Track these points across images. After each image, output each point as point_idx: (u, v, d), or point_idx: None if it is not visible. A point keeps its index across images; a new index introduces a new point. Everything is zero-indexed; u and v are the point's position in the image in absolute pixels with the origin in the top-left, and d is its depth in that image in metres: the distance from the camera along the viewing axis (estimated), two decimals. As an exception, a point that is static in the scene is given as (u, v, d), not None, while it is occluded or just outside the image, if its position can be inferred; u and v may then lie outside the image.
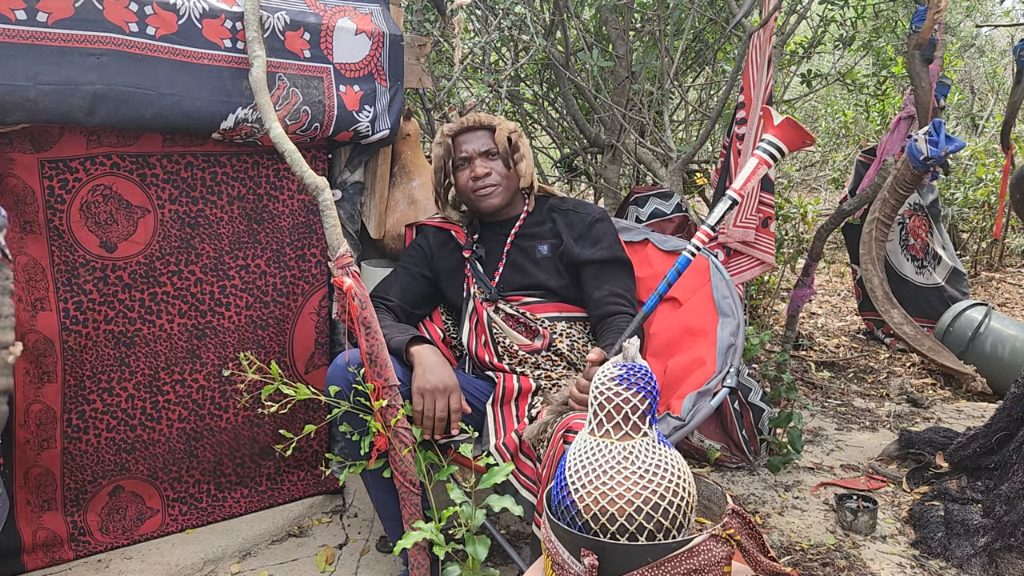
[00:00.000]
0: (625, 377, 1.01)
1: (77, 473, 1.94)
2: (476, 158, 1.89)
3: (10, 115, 1.55)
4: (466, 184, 1.90)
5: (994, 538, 2.01)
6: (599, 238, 1.91)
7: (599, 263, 1.89)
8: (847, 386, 3.42)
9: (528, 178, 1.94)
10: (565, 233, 1.92)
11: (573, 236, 1.91)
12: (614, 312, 1.82)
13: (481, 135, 1.91)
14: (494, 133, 1.91)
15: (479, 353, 1.91)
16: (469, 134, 1.91)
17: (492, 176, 1.88)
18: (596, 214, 1.96)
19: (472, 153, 1.89)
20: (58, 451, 1.89)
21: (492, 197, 1.89)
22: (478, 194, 1.89)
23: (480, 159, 1.89)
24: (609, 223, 1.97)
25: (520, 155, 1.92)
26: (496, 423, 1.76)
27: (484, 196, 1.89)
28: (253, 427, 2.12)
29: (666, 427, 1.64)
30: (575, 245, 1.90)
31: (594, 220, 1.94)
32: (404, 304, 1.95)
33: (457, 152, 1.91)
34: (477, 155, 1.89)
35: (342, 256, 1.61)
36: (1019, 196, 2.67)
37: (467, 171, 1.90)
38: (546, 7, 3.40)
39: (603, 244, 1.91)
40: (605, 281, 1.88)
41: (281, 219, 2.04)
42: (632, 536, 0.95)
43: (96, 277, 1.83)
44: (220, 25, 1.76)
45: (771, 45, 2.53)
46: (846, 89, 4.71)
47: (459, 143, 1.91)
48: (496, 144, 1.90)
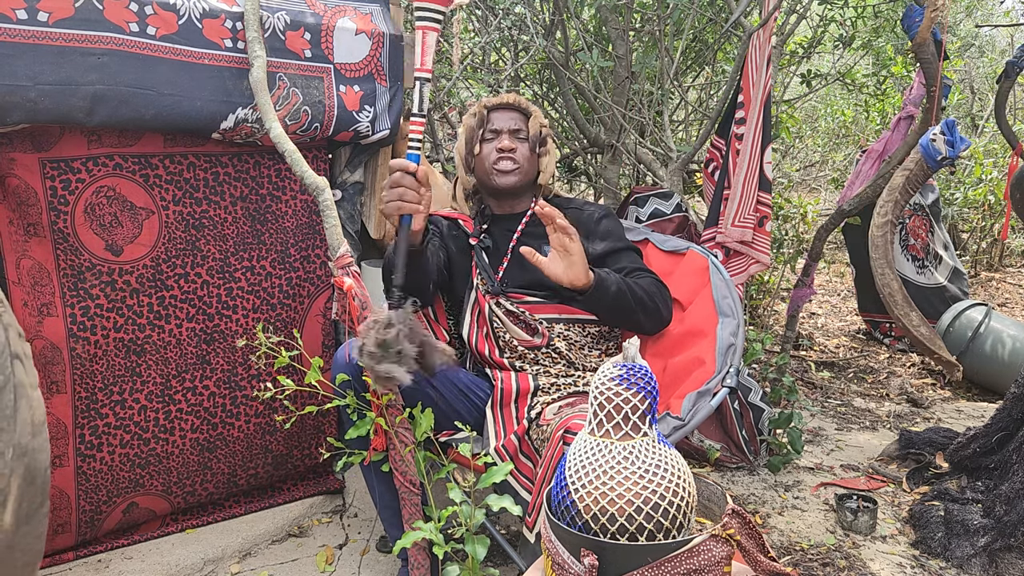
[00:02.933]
0: (625, 377, 1.01)
1: (92, 494, 1.89)
2: (505, 133, 1.92)
3: (10, 115, 1.55)
4: (489, 154, 1.93)
5: (994, 538, 2.01)
6: (608, 233, 1.96)
7: (613, 252, 1.92)
8: (847, 386, 3.42)
9: (547, 175, 1.99)
10: None
11: (582, 234, 1.92)
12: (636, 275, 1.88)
13: (516, 116, 1.95)
14: (528, 119, 1.96)
15: (480, 346, 1.91)
16: (504, 112, 1.95)
17: (516, 153, 1.91)
18: (602, 212, 2.01)
19: (503, 128, 1.93)
20: (72, 470, 1.84)
21: (510, 175, 1.91)
22: (498, 167, 1.91)
23: (509, 135, 1.92)
24: (615, 218, 2.02)
25: (546, 149, 1.97)
26: (496, 425, 1.76)
27: (503, 172, 1.91)
28: (266, 435, 2.11)
29: (666, 427, 1.64)
30: (586, 243, 1.91)
31: (601, 217, 1.99)
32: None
33: (488, 124, 1.94)
34: (507, 131, 1.93)
35: (342, 256, 1.61)
36: (1020, 196, 2.67)
37: (493, 143, 1.92)
38: (546, 7, 3.40)
39: (613, 237, 1.95)
40: (619, 262, 1.91)
41: (285, 220, 2.04)
42: (632, 536, 0.95)
43: (103, 281, 1.80)
44: (220, 25, 1.76)
45: (771, 45, 2.53)
46: (846, 89, 4.71)
47: (492, 117, 1.95)
48: (528, 128, 1.94)
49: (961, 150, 2.77)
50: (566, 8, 3.14)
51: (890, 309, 3.28)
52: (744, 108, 2.55)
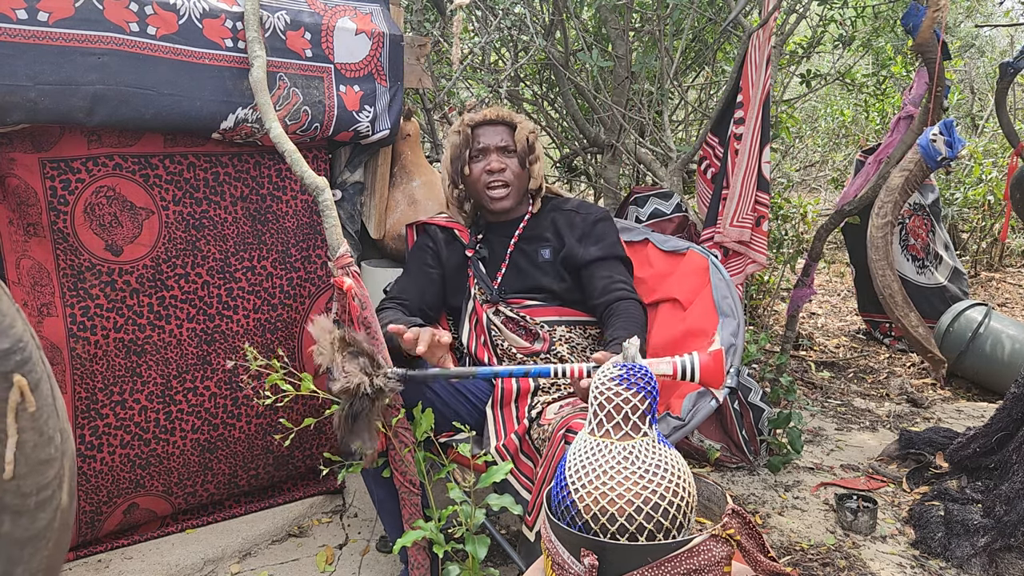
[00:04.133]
0: (625, 377, 1.01)
1: (92, 495, 1.89)
2: (493, 152, 1.89)
3: (10, 115, 1.55)
4: (479, 176, 1.90)
5: (994, 538, 2.01)
6: (602, 236, 1.93)
7: (601, 259, 1.89)
8: (847, 386, 3.42)
9: (538, 180, 1.96)
10: (567, 234, 1.92)
11: (576, 236, 1.92)
12: (620, 297, 1.82)
13: (501, 130, 1.92)
14: (514, 131, 1.92)
15: (479, 354, 1.90)
16: (489, 127, 1.92)
17: (506, 173, 1.89)
18: (599, 214, 1.97)
19: (490, 146, 1.89)
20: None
21: (504, 199, 1.90)
22: (490, 190, 1.89)
23: (497, 154, 1.89)
24: (611, 223, 1.98)
25: (535, 156, 1.94)
26: (496, 425, 1.76)
27: (495, 197, 1.89)
28: (267, 436, 2.10)
29: (666, 427, 1.64)
30: (578, 245, 1.90)
31: (596, 220, 1.95)
32: (424, 306, 1.93)
33: (475, 143, 1.91)
34: (495, 149, 1.89)
35: (342, 256, 1.61)
36: (1020, 196, 2.67)
37: (482, 163, 1.90)
38: (546, 7, 3.39)
39: (606, 242, 1.92)
40: (608, 271, 1.88)
41: (285, 220, 2.04)
42: (632, 536, 0.95)
43: (103, 282, 1.80)
44: (221, 25, 1.76)
45: (770, 45, 2.53)
46: (846, 89, 4.71)
47: (478, 134, 1.91)
48: (515, 142, 1.91)
49: (959, 151, 2.78)
50: (566, 8, 3.14)
51: (890, 310, 3.28)
52: (743, 108, 2.55)
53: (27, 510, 0.91)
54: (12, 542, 0.91)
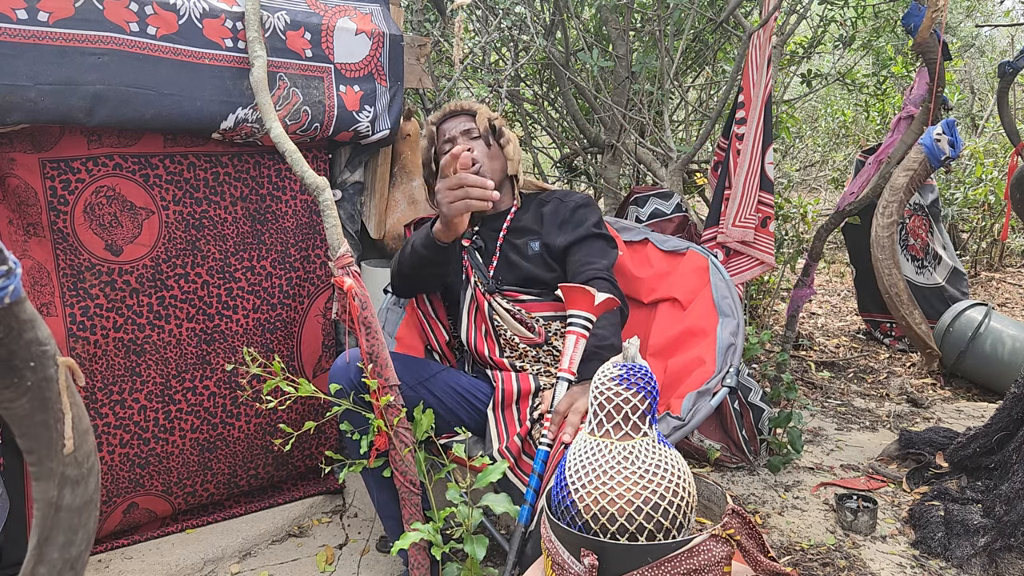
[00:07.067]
0: (625, 377, 1.01)
1: None
2: (458, 137, 1.95)
3: (10, 115, 1.55)
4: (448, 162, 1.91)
5: (994, 538, 2.01)
6: (581, 221, 1.91)
7: (576, 242, 1.88)
8: (847, 386, 3.42)
9: (516, 163, 1.98)
10: (549, 221, 1.92)
11: (557, 222, 1.92)
12: (589, 277, 1.80)
13: (463, 119, 1.98)
14: (475, 118, 1.97)
15: (479, 347, 1.90)
16: (451, 120, 1.99)
17: (474, 153, 1.90)
18: (580, 200, 1.96)
19: (454, 135, 1.95)
20: None
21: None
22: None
23: (462, 137, 1.95)
24: (594, 208, 1.96)
25: (506, 139, 1.97)
26: (498, 427, 1.76)
27: None
28: (266, 436, 2.11)
29: (666, 427, 1.64)
30: (558, 231, 1.90)
31: (577, 206, 1.94)
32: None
33: (440, 139, 1.98)
34: (459, 134, 1.95)
35: (342, 256, 1.61)
36: (1020, 196, 2.67)
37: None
38: (546, 7, 3.40)
39: (584, 225, 1.90)
40: (581, 254, 1.87)
41: (285, 220, 2.04)
42: (632, 536, 0.95)
43: (103, 281, 1.80)
44: (221, 25, 1.76)
45: (771, 45, 2.53)
46: (846, 89, 4.71)
47: (443, 130, 1.99)
48: (477, 126, 1.96)
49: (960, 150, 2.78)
50: (566, 8, 3.14)
51: (895, 308, 3.28)
52: (744, 108, 2.55)
53: (82, 478, 1.02)
54: (72, 511, 1.01)
